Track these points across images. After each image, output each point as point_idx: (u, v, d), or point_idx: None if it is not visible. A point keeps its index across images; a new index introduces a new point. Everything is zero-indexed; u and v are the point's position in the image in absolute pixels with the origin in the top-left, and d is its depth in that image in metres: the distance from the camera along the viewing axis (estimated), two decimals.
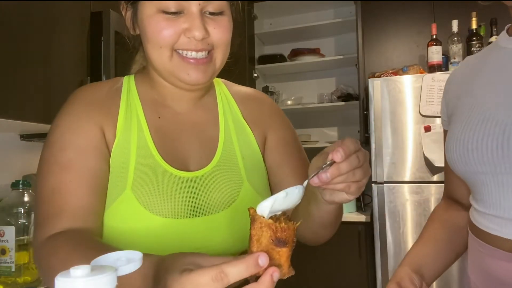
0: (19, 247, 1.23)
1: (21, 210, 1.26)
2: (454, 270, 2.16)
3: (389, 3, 2.72)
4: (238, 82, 0.89)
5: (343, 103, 2.98)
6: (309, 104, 3.10)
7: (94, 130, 0.69)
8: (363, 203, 2.73)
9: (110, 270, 0.35)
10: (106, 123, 0.70)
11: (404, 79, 2.33)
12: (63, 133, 0.68)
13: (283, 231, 0.43)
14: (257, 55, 3.30)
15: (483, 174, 0.69)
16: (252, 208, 0.45)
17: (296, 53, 3.16)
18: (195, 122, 0.77)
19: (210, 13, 0.69)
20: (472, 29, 2.40)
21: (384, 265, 2.30)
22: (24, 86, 1.31)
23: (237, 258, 0.41)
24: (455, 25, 2.41)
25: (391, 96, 2.34)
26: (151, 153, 0.70)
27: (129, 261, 0.40)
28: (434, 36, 2.45)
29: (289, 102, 3.19)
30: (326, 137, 3.25)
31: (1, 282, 1.22)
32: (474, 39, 2.39)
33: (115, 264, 0.39)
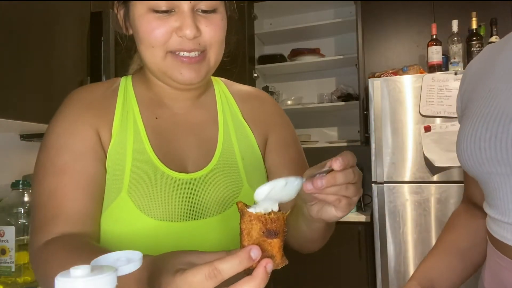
0: (19, 247, 1.23)
1: (21, 210, 1.26)
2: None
3: (389, 3, 2.72)
4: (238, 82, 0.88)
5: (343, 103, 2.98)
6: (309, 104, 3.09)
7: (90, 133, 0.68)
8: (363, 203, 2.73)
9: (110, 270, 0.35)
10: (102, 125, 0.69)
11: (404, 79, 2.33)
12: (59, 137, 0.68)
13: (273, 222, 0.43)
14: (257, 55, 3.30)
15: (498, 176, 0.62)
16: (241, 202, 0.45)
17: (296, 53, 3.16)
18: (193, 123, 0.76)
19: (203, 11, 0.67)
20: (472, 29, 2.40)
21: (384, 265, 2.30)
22: (24, 86, 1.31)
23: (230, 253, 0.40)
24: (455, 25, 2.41)
25: (391, 96, 2.34)
26: (148, 155, 0.69)
27: (129, 261, 0.39)
28: (434, 36, 2.45)
29: (289, 102, 3.19)
30: (326, 137, 3.25)
31: (1, 282, 1.22)
32: (474, 39, 2.39)
33: (115, 264, 0.39)
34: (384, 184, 2.33)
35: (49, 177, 0.65)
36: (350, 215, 2.52)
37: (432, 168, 2.24)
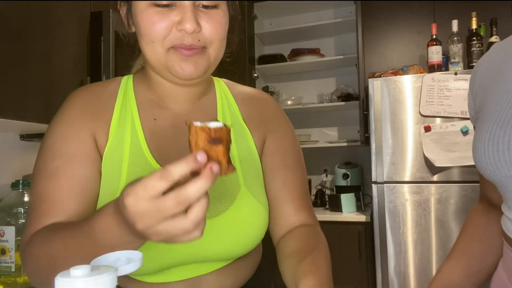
0: (19, 247, 1.23)
1: (21, 210, 1.26)
2: None
3: (389, 3, 2.72)
4: (238, 82, 0.88)
5: (343, 103, 2.98)
6: (309, 104, 3.09)
7: (86, 137, 0.68)
8: (363, 203, 2.73)
9: (110, 270, 0.35)
10: (99, 127, 0.69)
11: (404, 79, 2.33)
12: (56, 141, 0.68)
13: (216, 132, 0.47)
14: (257, 55, 3.30)
15: None
16: (189, 120, 0.49)
17: (296, 53, 3.16)
18: None
19: (204, 7, 0.67)
20: (472, 29, 2.40)
21: (384, 265, 2.30)
22: (24, 86, 1.31)
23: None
24: (455, 25, 2.41)
25: (391, 96, 2.34)
26: (145, 157, 0.69)
27: (129, 261, 0.40)
28: (434, 36, 2.45)
29: (289, 102, 3.19)
30: (326, 137, 3.25)
31: (1, 282, 1.22)
32: (474, 39, 2.39)
33: (115, 264, 0.39)
34: (384, 184, 2.33)
35: (42, 181, 0.66)
36: (350, 215, 2.53)
37: (432, 168, 2.24)
